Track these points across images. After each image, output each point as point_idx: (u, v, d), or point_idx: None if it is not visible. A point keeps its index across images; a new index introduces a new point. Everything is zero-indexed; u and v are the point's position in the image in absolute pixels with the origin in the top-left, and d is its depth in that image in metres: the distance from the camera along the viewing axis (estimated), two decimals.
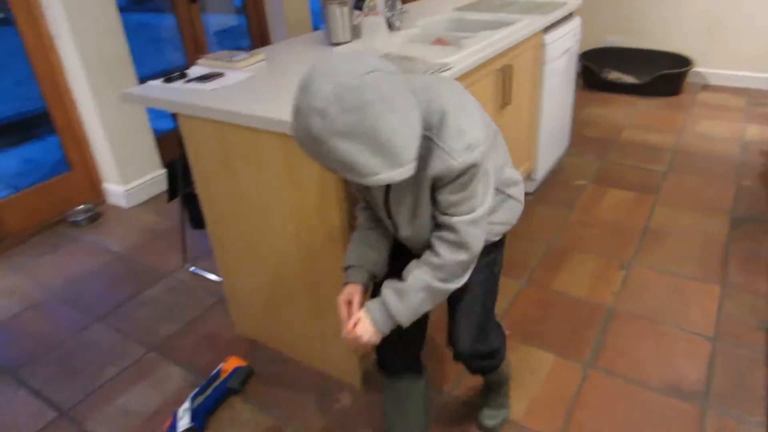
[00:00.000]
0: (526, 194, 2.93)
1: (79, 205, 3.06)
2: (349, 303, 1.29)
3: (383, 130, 0.93)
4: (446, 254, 1.16)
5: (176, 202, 2.38)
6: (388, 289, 1.21)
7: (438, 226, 1.18)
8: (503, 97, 2.27)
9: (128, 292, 2.43)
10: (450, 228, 1.14)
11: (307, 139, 0.96)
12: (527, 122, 2.63)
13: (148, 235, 2.85)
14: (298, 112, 0.96)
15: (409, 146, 0.97)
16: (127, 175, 3.11)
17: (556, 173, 3.14)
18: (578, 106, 4.04)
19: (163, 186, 3.30)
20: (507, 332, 1.68)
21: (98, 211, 3.09)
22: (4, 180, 3.73)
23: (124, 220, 3.03)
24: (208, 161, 1.72)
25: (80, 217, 2.97)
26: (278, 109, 1.48)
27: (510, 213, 1.35)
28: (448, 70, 1.74)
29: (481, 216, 1.15)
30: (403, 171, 0.98)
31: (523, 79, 2.45)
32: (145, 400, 1.87)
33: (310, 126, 0.94)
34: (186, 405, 1.75)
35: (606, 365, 1.87)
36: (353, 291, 1.29)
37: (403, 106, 0.96)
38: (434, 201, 1.15)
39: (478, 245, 1.17)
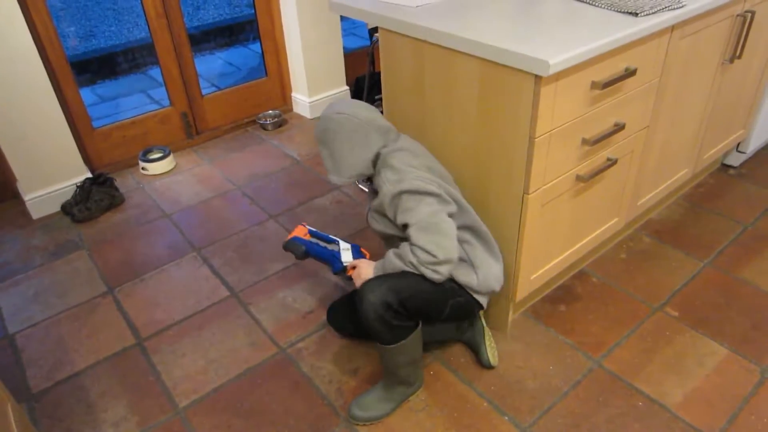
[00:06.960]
0: (729, 167, 2.60)
1: (269, 110, 3.29)
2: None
3: (336, 149, 1.48)
4: (406, 249, 1.45)
5: None
6: (390, 252, 1.50)
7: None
8: (734, 49, 1.96)
9: (300, 197, 2.60)
10: (409, 238, 1.44)
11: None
12: (754, 83, 2.26)
13: None
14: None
15: (350, 167, 1.49)
16: (315, 88, 3.25)
17: None
18: None
19: None
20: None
21: (284, 118, 3.31)
22: (209, 79, 4.13)
23: (305, 129, 3.21)
24: (400, 78, 1.71)
25: (268, 121, 3.20)
26: (475, 31, 1.42)
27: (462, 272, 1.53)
28: (680, 8, 1.54)
29: (422, 221, 1.39)
30: (342, 180, 1.51)
31: (764, 30, 2.10)
32: (302, 298, 2.01)
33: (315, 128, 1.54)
34: (346, 245, 1.71)
35: None
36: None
37: (356, 143, 1.46)
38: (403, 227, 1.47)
39: (438, 249, 1.39)
